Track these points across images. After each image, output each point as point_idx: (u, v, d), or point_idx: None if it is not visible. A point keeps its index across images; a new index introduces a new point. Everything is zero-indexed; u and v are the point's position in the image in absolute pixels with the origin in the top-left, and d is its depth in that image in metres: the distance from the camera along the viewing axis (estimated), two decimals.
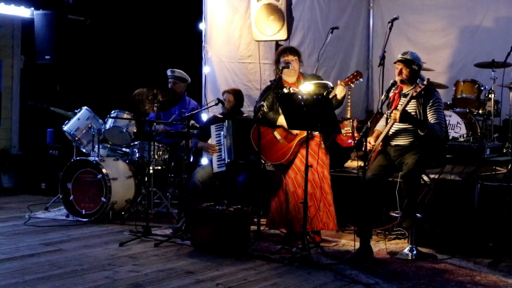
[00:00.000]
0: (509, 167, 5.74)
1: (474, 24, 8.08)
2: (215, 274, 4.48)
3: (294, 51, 5.63)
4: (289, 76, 5.58)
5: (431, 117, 5.02)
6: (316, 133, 5.45)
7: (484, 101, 7.00)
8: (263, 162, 5.88)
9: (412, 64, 5.13)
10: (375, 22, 9.04)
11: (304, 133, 5.28)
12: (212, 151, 6.06)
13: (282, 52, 5.64)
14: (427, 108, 5.04)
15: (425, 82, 4.96)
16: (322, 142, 5.47)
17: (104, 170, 6.30)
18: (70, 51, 7.97)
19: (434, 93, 5.11)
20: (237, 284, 4.27)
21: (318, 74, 5.83)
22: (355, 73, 5.36)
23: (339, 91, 5.24)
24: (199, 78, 7.42)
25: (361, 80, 5.37)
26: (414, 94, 4.96)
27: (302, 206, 5.06)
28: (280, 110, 5.32)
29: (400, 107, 4.99)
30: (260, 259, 4.89)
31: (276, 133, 5.55)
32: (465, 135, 6.56)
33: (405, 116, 4.92)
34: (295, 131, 5.44)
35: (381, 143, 5.20)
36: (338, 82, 5.31)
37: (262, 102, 5.50)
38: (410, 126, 5.05)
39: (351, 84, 5.40)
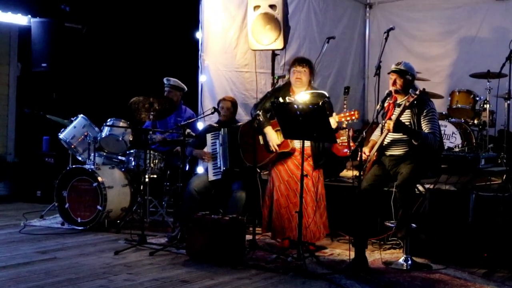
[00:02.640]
0: (504, 178, 5.75)
1: (471, 35, 8.12)
2: (210, 283, 4.47)
3: (304, 62, 5.63)
4: (296, 87, 5.62)
5: (425, 127, 5.03)
6: (307, 147, 5.43)
7: (479, 111, 7.01)
8: (258, 171, 5.90)
9: (406, 74, 5.16)
10: (371, 32, 9.07)
11: (287, 148, 5.47)
12: (207, 159, 6.07)
13: (293, 62, 5.67)
14: (421, 117, 5.06)
15: (417, 92, 4.96)
16: (313, 163, 5.53)
17: (99, 178, 6.30)
18: (66, 59, 7.95)
19: (428, 102, 5.12)
20: None
21: (314, 83, 5.82)
22: (352, 112, 5.35)
23: (332, 123, 5.22)
24: (195, 87, 7.42)
25: (355, 120, 5.37)
26: (407, 104, 4.97)
27: (284, 214, 5.30)
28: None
29: (393, 117, 5.00)
30: (255, 268, 4.88)
31: (261, 137, 5.62)
32: (460, 145, 6.57)
33: (398, 126, 4.92)
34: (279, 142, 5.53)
35: (376, 153, 5.21)
36: (334, 114, 5.35)
37: (258, 112, 5.53)
38: (404, 136, 5.06)
39: (344, 121, 5.41)
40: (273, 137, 5.53)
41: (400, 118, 4.99)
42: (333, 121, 5.28)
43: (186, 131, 5.87)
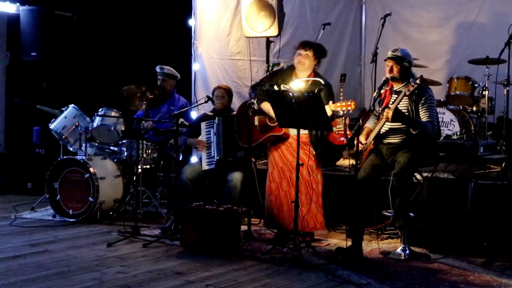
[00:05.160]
0: (503, 165, 5.70)
1: (469, 20, 8.03)
2: (205, 275, 4.43)
3: (308, 45, 5.39)
4: (299, 71, 5.44)
5: (423, 115, 4.98)
6: (303, 134, 5.29)
7: (478, 98, 6.96)
8: (253, 160, 5.82)
9: (403, 61, 5.09)
10: (368, 18, 8.97)
11: (279, 132, 5.34)
12: (201, 147, 6.00)
13: (299, 45, 5.42)
14: (419, 105, 5.00)
15: (417, 81, 4.91)
16: (312, 149, 5.37)
17: (91, 169, 6.21)
18: (56, 47, 7.85)
19: (426, 90, 5.07)
20: (227, 285, 4.21)
21: (319, 70, 5.62)
22: (349, 103, 5.11)
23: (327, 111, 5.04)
24: (188, 75, 7.34)
25: (351, 111, 5.16)
26: (407, 93, 4.92)
27: (273, 202, 5.26)
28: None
29: (392, 106, 4.94)
30: (251, 260, 4.84)
31: (256, 118, 5.48)
32: (458, 133, 6.51)
33: (397, 115, 4.87)
34: (273, 124, 5.37)
35: (372, 142, 5.15)
36: (330, 102, 5.14)
37: (253, 100, 5.43)
38: (402, 124, 4.99)
39: (340, 110, 5.15)
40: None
41: (398, 106, 4.93)
42: (329, 109, 5.14)
43: (180, 120, 5.79)
